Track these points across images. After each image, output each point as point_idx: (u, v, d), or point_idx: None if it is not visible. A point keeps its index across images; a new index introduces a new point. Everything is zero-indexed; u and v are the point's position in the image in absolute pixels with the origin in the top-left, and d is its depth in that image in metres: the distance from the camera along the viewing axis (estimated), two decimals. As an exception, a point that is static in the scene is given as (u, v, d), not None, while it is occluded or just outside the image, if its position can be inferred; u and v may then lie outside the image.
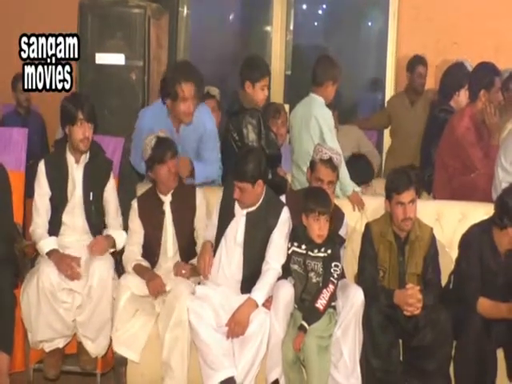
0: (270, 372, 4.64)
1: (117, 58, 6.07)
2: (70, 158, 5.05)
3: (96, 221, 5.10)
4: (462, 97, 6.35)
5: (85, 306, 4.80)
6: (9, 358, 4.81)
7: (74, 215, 5.06)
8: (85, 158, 5.06)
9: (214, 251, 4.88)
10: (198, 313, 4.63)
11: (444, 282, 4.91)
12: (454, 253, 4.91)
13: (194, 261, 4.97)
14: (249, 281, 4.79)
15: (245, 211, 4.85)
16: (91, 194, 5.06)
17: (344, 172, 5.36)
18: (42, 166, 5.02)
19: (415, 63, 7.39)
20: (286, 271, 4.78)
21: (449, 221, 5.25)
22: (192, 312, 4.63)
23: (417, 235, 4.84)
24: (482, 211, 4.97)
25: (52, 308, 4.76)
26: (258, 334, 4.62)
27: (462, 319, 4.62)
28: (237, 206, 4.88)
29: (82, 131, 4.92)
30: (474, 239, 4.78)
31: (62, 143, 5.13)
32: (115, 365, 4.92)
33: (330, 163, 5.00)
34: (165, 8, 6.93)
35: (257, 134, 5.32)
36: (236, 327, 4.62)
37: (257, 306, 4.66)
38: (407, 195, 4.77)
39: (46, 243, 4.95)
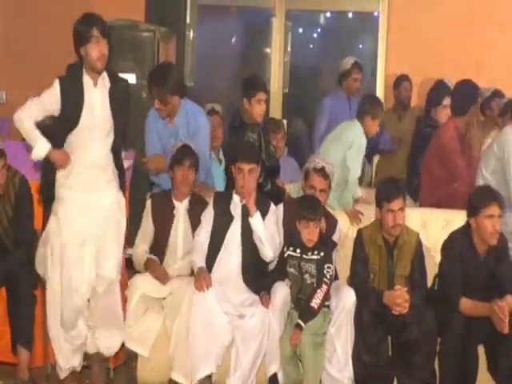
0: (268, 366, 4.64)
1: (128, 78, 6.07)
2: (88, 81, 4.58)
3: (118, 145, 4.74)
4: (441, 110, 6.40)
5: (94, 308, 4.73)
6: (29, 354, 4.82)
7: (90, 139, 4.60)
8: (102, 81, 4.61)
9: (212, 252, 4.87)
10: (200, 309, 4.63)
11: (429, 283, 4.92)
12: (439, 256, 4.91)
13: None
14: (249, 271, 4.81)
15: (241, 204, 4.87)
16: (117, 118, 4.65)
17: (352, 190, 5.37)
18: (56, 84, 4.55)
19: (400, 80, 7.43)
20: (283, 274, 4.79)
21: (434, 227, 5.26)
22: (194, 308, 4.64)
23: (404, 240, 4.85)
24: (465, 218, 4.97)
25: None
26: (260, 330, 4.61)
27: (445, 318, 4.62)
28: (232, 205, 4.89)
29: (98, 48, 4.45)
30: (455, 243, 4.79)
31: (77, 67, 4.62)
32: (126, 359, 4.93)
33: (322, 172, 5.01)
34: (173, 32, 6.97)
35: (257, 147, 5.34)
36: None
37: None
38: (397, 203, 4.78)
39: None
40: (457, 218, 5.07)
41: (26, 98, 4.63)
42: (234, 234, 4.85)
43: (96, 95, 4.58)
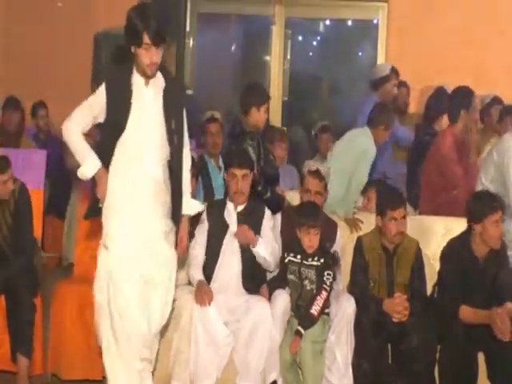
0: (268, 374, 4.62)
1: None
2: (138, 79, 3.99)
3: (177, 161, 4.05)
4: (445, 120, 6.36)
5: None
6: (28, 362, 4.81)
7: (142, 148, 3.97)
8: (156, 79, 4.03)
9: (210, 261, 4.83)
10: (202, 321, 4.62)
11: (429, 291, 4.90)
12: (438, 264, 4.89)
13: None
14: (249, 276, 4.81)
15: (237, 210, 4.85)
16: (173, 122, 4.01)
17: (354, 197, 5.37)
18: (103, 87, 3.98)
19: (398, 86, 7.41)
20: (283, 282, 4.77)
21: (433, 235, 5.26)
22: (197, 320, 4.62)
23: (404, 248, 4.84)
24: (464, 225, 4.95)
25: None
26: (263, 322, 4.59)
27: (445, 325, 4.61)
28: (226, 212, 4.87)
29: (148, 55, 3.88)
30: (453, 251, 4.77)
31: (126, 62, 4.04)
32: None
33: (316, 173, 5.00)
34: (173, 39, 6.95)
35: (256, 155, 5.32)
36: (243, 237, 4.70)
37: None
38: (400, 212, 4.78)
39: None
40: (456, 226, 5.05)
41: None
42: (231, 241, 4.84)
43: (147, 95, 4.01)
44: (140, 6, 4.00)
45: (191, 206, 4.18)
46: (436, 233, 5.26)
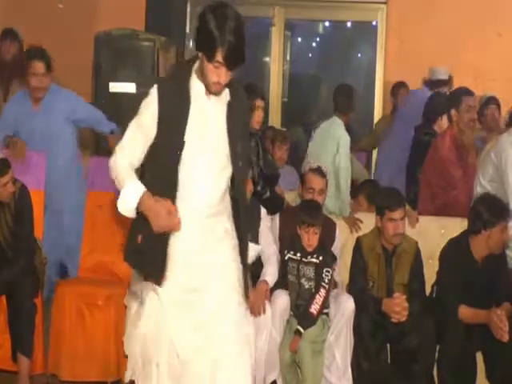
0: (268, 374, 4.61)
1: (128, 87, 6.09)
2: (197, 86, 3.22)
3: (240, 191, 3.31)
4: (444, 121, 6.36)
5: None
6: (29, 361, 4.80)
7: (199, 174, 3.20)
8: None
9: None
10: None
11: (428, 291, 4.90)
12: (437, 264, 4.90)
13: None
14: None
15: None
16: (238, 143, 3.26)
17: (346, 193, 5.37)
18: (154, 90, 3.20)
19: (397, 88, 7.44)
20: (283, 282, 4.77)
21: (432, 235, 5.24)
22: None
23: (403, 248, 4.84)
24: (462, 226, 4.96)
25: None
26: (262, 324, 4.54)
27: (444, 325, 4.61)
28: None
29: (216, 73, 3.15)
30: (452, 251, 4.78)
31: (186, 65, 3.31)
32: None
33: (318, 171, 5.01)
34: (172, 41, 6.95)
35: (256, 155, 5.32)
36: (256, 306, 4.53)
37: (267, 284, 4.63)
38: (399, 213, 4.77)
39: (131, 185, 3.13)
40: (455, 226, 5.06)
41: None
42: None
43: (208, 107, 3.24)
44: (220, 8, 3.12)
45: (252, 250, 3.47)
46: (435, 233, 5.25)
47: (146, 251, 3.18)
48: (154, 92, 3.17)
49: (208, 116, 3.23)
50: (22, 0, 7.94)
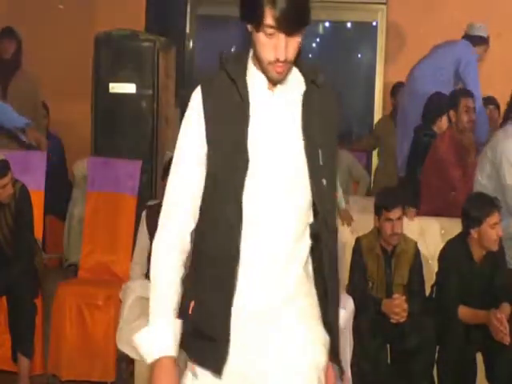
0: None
1: (128, 88, 6.07)
2: (258, 80, 2.30)
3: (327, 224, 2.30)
4: (444, 122, 6.35)
5: None
6: (29, 362, 4.80)
7: (265, 201, 2.23)
8: (288, 82, 2.33)
9: None
10: None
11: (428, 291, 4.90)
12: (437, 264, 4.90)
13: None
14: None
15: None
16: (320, 152, 2.28)
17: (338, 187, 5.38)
18: (197, 94, 2.32)
19: (397, 88, 7.42)
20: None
21: (432, 235, 5.24)
22: None
23: (402, 249, 4.84)
24: (462, 226, 4.96)
25: None
26: None
27: (443, 326, 4.61)
28: None
29: (272, 46, 2.23)
30: (451, 252, 4.78)
31: (240, 56, 2.40)
32: (118, 361, 4.89)
33: None
34: (172, 41, 6.94)
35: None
36: None
37: None
38: (395, 212, 4.77)
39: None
40: (455, 227, 5.05)
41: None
42: None
43: (273, 105, 2.30)
44: None
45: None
46: (434, 233, 5.25)
47: (201, 327, 2.25)
48: (197, 97, 2.30)
49: (273, 118, 2.28)
50: (21, 0, 7.93)
